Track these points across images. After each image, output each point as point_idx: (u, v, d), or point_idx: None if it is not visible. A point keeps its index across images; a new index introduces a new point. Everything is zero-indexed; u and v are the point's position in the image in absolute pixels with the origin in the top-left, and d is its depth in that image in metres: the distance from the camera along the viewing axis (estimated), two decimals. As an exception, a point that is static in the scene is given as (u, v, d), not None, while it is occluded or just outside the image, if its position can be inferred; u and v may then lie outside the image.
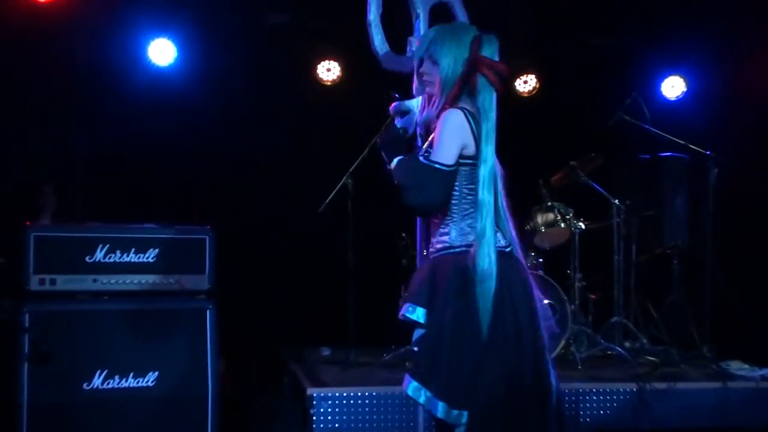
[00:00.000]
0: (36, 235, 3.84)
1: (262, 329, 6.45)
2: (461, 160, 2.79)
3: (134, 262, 3.98)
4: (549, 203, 6.05)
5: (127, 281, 3.95)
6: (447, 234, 2.84)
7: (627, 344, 6.02)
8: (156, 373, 3.88)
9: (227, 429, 4.18)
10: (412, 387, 2.72)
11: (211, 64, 6.73)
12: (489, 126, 2.79)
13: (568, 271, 6.13)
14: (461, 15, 3.59)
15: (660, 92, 7.38)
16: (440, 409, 2.67)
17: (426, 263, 2.90)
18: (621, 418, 4.97)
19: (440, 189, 2.79)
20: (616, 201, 6.09)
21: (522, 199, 6.10)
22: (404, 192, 2.80)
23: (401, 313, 2.82)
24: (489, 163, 2.79)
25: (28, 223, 3.92)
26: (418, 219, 3.50)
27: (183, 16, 6.57)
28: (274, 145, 6.78)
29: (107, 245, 3.94)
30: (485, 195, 2.80)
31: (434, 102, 2.87)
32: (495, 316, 2.70)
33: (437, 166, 2.75)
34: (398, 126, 3.05)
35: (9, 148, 6.22)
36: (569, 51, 7.24)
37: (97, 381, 3.79)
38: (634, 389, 4.98)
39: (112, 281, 3.93)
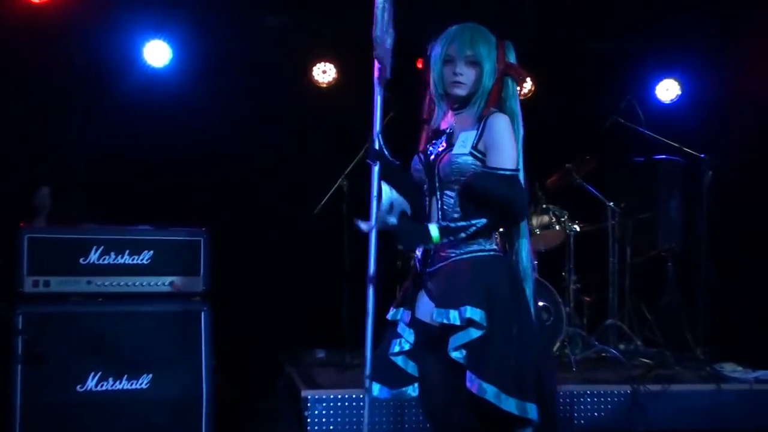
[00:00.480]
0: (30, 237, 3.84)
1: (257, 331, 6.45)
2: None
3: (129, 264, 3.98)
4: (544, 205, 6.06)
5: (122, 283, 3.95)
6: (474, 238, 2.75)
7: (621, 346, 6.03)
8: (150, 375, 3.88)
9: (222, 431, 4.17)
10: (491, 392, 2.58)
11: (207, 66, 6.72)
12: (523, 132, 2.79)
13: (563, 274, 6.14)
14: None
15: (655, 95, 7.39)
16: (513, 405, 2.59)
17: (459, 264, 2.76)
18: (615, 420, 4.98)
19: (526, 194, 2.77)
20: (611, 203, 6.10)
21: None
22: (503, 208, 2.68)
23: (458, 315, 2.64)
24: (521, 169, 2.75)
25: (22, 224, 3.91)
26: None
27: (178, 17, 6.56)
28: (269, 146, 6.77)
29: (102, 247, 3.94)
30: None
31: (470, 106, 2.81)
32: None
33: (504, 173, 2.68)
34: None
35: (5, 149, 6.21)
36: (565, 54, 7.24)
37: (90, 383, 3.78)
38: (629, 391, 4.99)
39: (107, 283, 3.93)
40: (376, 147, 3.00)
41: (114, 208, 6.05)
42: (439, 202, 2.84)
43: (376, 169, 2.96)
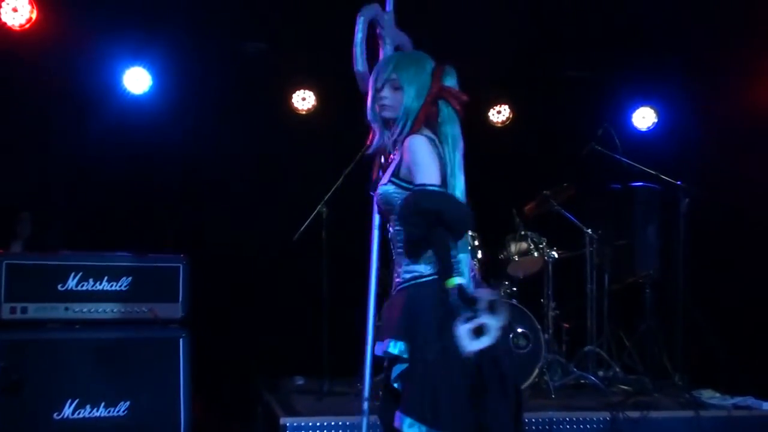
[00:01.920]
0: (8, 263, 3.81)
1: (235, 358, 6.40)
2: None
3: (107, 291, 3.96)
4: (522, 232, 6.10)
5: (100, 309, 3.93)
6: (416, 263, 2.73)
7: (600, 373, 6.04)
8: (128, 403, 3.85)
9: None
10: (406, 423, 2.61)
11: (187, 92, 6.73)
12: (460, 155, 2.75)
13: (542, 300, 6.15)
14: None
15: (631, 123, 7.48)
16: None
17: (398, 295, 2.79)
18: (595, 447, 4.97)
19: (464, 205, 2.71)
20: (589, 230, 6.14)
21: (495, 228, 6.20)
22: (443, 223, 2.58)
23: (383, 349, 2.71)
24: (459, 192, 2.71)
25: (0, 251, 3.89)
26: (374, 251, 3.57)
27: (158, 44, 6.57)
28: (249, 172, 6.78)
29: (80, 273, 3.92)
30: None
31: (395, 129, 2.80)
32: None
33: (433, 188, 2.63)
34: None
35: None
36: (542, 82, 7.33)
37: (67, 410, 3.75)
38: (608, 418, 4.98)
39: (84, 309, 3.91)
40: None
41: (92, 235, 6.02)
42: (388, 233, 2.86)
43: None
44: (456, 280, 2.58)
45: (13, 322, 3.78)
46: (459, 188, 2.71)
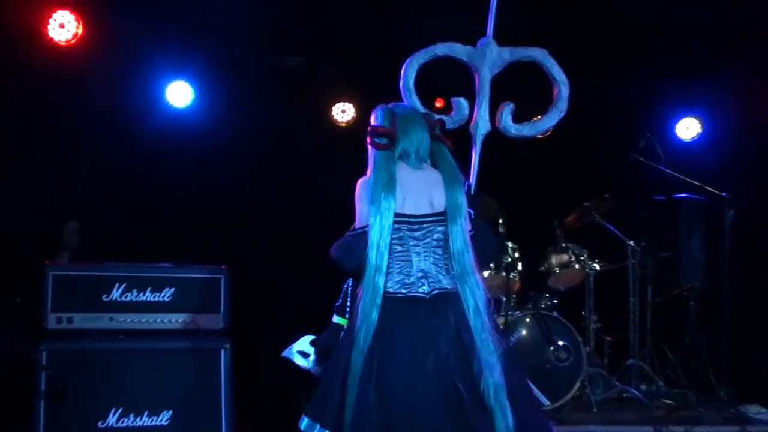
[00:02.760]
0: (54, 274, 3.88)
1: (274, 368, 6.42)
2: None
3: (150, 301, 4.01)
4: (563, 244, 6.05)
5: (143, 320, 3.98)
6: None
7: (643, 387, 5.95)
8: (170, 412, 3.89)
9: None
10: (304, 423, 2.92)
11: (228, 106, 6.81)
12: (372, 181, 3.17)
13: (583, 313, 6.10)
14: (556, 73, 3.74)
15: (675, 133, 7.38)
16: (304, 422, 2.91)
17: None
18: (637, 462, 4.91)
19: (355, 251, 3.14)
20: (631, 242, 6.08)
21: (536, 240, 6.15)
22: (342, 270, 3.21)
23: None
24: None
25: (47, 262, 3.95)
26: None
27: (200, 58, 6.67)
28: (290, 185, 6.82)
29: (124, 284, 3.97)
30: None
31: None
32: (380, 357, 2.83)
33: (349, 234, 3.28)
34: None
35: (29, 189, 6.29)
36: (584, 92, 7.27)
37: (112, 419, 3.79)
38: (651, 432, 4.93)
39: (128, 320, 3.96)
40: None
41: (135, 246, 6.10)
42: None
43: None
44: (334, 319, 3.38)
45: (59, 331, 3.84)
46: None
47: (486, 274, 5.91)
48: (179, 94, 6.67)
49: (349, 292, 3.31)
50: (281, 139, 6.84)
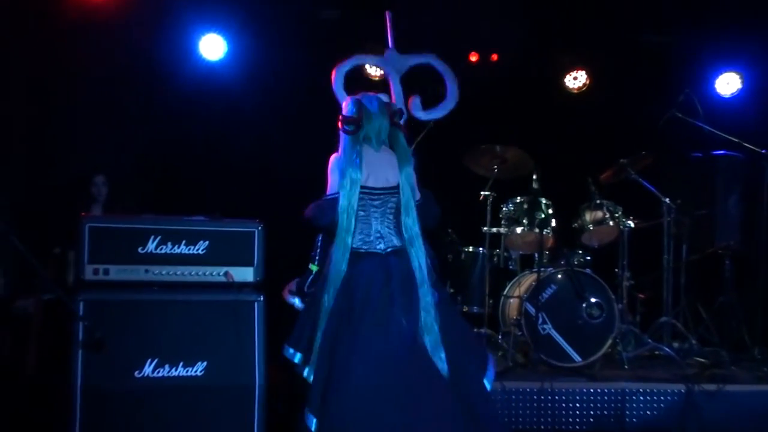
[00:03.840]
0: (91, 226, 3.91)
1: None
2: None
3: (185, 254, 4.03)
4: (598, 201, 6.00)
5: (178, 272, 4.01)
6: None
7: (675, 345, 5.94)
8: (205, 363, 3.93)
9: (275, 419, 4.22)
10: (285, 349, 3.67)
11: (261, 59, 6.79)
12: (342, 162, 3.84)
13: (616, 270, 6.07)
14: (446, 71, 4.33)
15: (714, 89, 7.25)
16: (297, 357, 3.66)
17: None
18: (668, 419, 4.92)
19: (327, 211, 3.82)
20: (667, 200, 6.01)
21: (570, 196, 6.11)
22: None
23: None
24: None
25: (83, 214, 3.99)
26: None
27: (233, 10, 6.64)
28: (323, 139, 6.81)
29: (159, 237, 4.00)
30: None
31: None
32: (347, 297, 3.57)
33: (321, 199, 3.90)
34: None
35: (63, 141, 6.35)
36: (621, 47, 7.15)
37: (147, 369, 3.85)
38: (683, 390, 4.93)
39: (163, 272, 3.99)
40: None
41: (168, 199, 6.16)
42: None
43: None
44: (310, 266, 3.88)
45: (95, 283, 3.89)
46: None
47: (519, 230, 5.91)
48: (212, 47, 6.66)
49: (320, 244, 3.91)
50: (315, 94, 6.81)
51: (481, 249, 6.14)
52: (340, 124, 3.86)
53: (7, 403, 4.42)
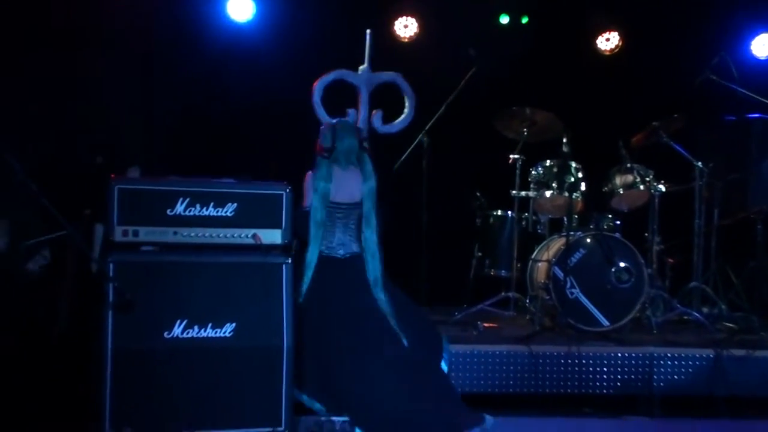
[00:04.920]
0: (120, 188, 3.93)
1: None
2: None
3: (213, 216, 4.05)
4: (628, 164, 5.93)
5: (206, 234, 4.03)
6: None
7: (705, 310, 5.91)
8: (233, 325, 3.97)
9: (303, 381, 4.26)
10: None
11: (289, 20, 6.75)
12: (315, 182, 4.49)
13: (646, 235, 6.02)
14: (407, 89, 5.19)
15: (750, 51, 7.11)
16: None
17: None
18: (696, 384, 4.91)
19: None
20: (699, 163, 5.93)
21: (600, 160, 6.05)
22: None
23: None
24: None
25: (113, 176, 4.02)
26: None
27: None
28: (352, 104, 6.78)
29: (187, 199, 4.01)
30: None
31: None
32: (317, 293, 4.29)
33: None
34: None
35: (90, 105, 6.38)
36: (654, 8, 7.01)
37: (177, 330, 3.89)
38: (711, 355, 4.90)
39: (192, 234, 4.01)
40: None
41: (193, 162, 6.18)
42: None
43: None
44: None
45: (125, 244, 3.92)
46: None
47: (548, 194, 5.87)
48: (240, 8, 6.63)
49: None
50: (342, 54, 6.77)
51: (509, 213, 6.12)
52: (317, 149, 4.52)
53: (38, 362, 4.49)
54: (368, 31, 5.23)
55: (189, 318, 3.91)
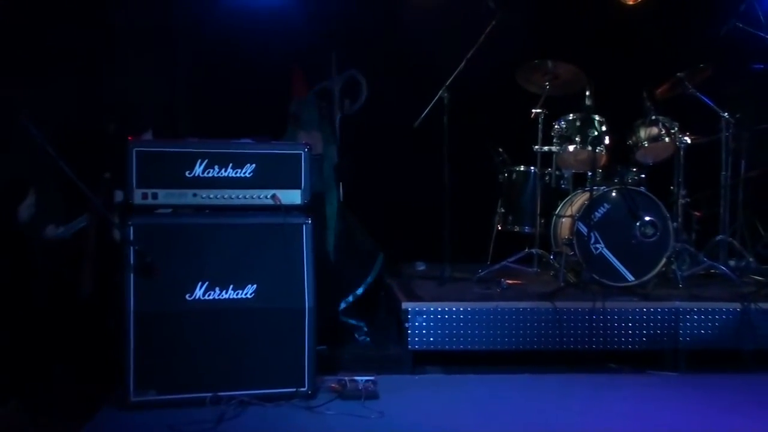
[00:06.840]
0: (138, 150, 3.92)
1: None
2: None
3: (232, 177, 4.04)
4: (653, 117, 5.82)
5: (225, 196, 4.02)
6: None
7: (732, 263, 5.84)
8: (254, 286, 3.97)
9: (324, 340, 4.27)
10: None
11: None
12: None
13: (672, 188, 5.93)
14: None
15: (779, -4, 6.92)
16: None
17: None
18: (723, 338, 4.87)
19: None
20: (726, 114, 5.81)
21: (624, 112, 5.94)
22: None
23: None
24: None
25: (130, 138, 4.00)
26: None
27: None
28: (370, 58, 6.71)
29: (206, 160, 4.00)
30: None
31: None
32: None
33: None
34: None
35: (111, 66, 6.34)
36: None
37: (198, 292, 3.91)
38: (738, 309, 4.85)
39: (211, 196, 4.01)
40: None
41: (213, 122, 6.15)
42: None
43: None
44: None
45: (144, 207, 3.92)
46: None
47: (571, 148, 5.79)
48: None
49: None
50: (360, 12, 6.68)
51: (532, 168, 6.04)
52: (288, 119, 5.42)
53: (62, 325, 4.53)
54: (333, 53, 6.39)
55: (210, 280, 3.92)
